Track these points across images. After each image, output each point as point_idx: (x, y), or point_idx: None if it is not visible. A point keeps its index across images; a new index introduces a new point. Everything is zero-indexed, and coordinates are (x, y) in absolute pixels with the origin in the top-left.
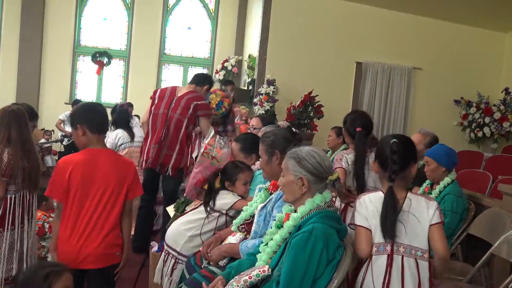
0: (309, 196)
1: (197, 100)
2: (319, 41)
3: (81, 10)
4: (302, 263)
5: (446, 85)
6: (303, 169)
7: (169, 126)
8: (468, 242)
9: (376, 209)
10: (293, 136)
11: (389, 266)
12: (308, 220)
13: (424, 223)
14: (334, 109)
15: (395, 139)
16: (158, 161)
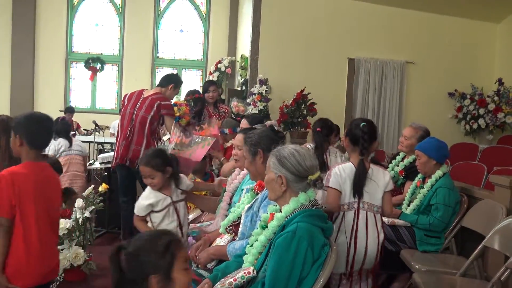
0: (293, 195)
1: (161, 100)
2: (310, 39)
3: (72, 16)
4: (287, 263)
5: (439, 78)
6: (283, 168)
7: (135, 123)
8: (462, 235)
9: (347, 176)
10: (276, 134)
11: (357, 217)
12: (292, 220)
13: (381, 187)
14: (328, 107)
15: (364, 123)
16: (126, 156)
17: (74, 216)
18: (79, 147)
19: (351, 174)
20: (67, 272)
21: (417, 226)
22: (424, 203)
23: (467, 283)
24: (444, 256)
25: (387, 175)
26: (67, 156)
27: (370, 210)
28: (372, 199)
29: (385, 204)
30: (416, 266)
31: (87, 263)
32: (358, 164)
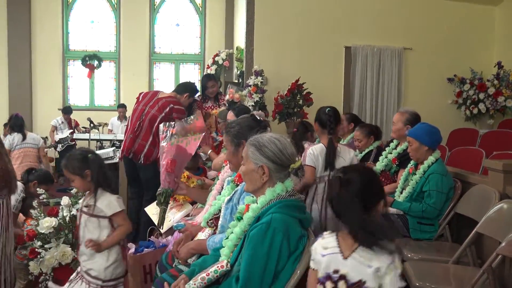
0: (270, 185)
1: (174, 104)
2: (305, 28)
3: (68, 14)
4: (261, 256)
5: (438, 63)
6: (264, 157)
7: (144, 119)
8: (458, 221)
9: (319, 154)
10: (257, 123)
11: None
12: (267, 211)
13: (347, 161)
14: (326, 96)
15: (329, 108)
16: (131, 149)
17: (61, 214)
18: (32, 140)
19: (322, 153)
20: (56, 270)
21: (410, 214)
22: (416, 190)
23: (459, 270)
24: (438, 243)
25: (352, 152)
26: (21, 149)
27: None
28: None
29: None
30: (408, 254)
31: (76, 261)
32: (327, 142)
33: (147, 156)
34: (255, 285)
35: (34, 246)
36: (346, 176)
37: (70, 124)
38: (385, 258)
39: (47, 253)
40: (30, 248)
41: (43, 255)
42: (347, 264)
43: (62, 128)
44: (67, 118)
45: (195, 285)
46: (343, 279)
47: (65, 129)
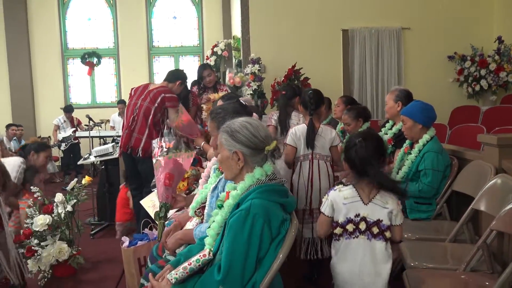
0: (249, 170)
1: (165, 93)
2: (301, 13)
3: (64, 13)
4: (242, 244)
5: (437, 42)
6: (237, 143)
7: (138, 113)
8: (457, 199)
9: (301, 134)
10: (243, 108)
11: (311, 166)
12: (246, 197)
13: (328, 141)
14: (325, 81)
15: (311, 91)
16: (128, 144)
17: (56, 211)
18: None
19: (304, 132)
20: (56, 267)
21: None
22: (412, 169)
23: (456, 248)
24: (436, 222)
25: (334, 132)
26: None
27: (322, 159)
28: (322, 151)
29: (334, 155)
30: (405, 235)
31: (75, 257)
32: (308, 123)
33: (145, 149)
34: (236, 273)
35: (31, 244)
36: (364, 139)
37: (72, 123)
38: (395, 201)
39: (44, 251)
40: (27, 247)
41: (40, 253)
42: (368, 208)
43: (64, 127)
44: (69, 117)
45: (176, 275)
46: (363, 220)
47: (68, 127)
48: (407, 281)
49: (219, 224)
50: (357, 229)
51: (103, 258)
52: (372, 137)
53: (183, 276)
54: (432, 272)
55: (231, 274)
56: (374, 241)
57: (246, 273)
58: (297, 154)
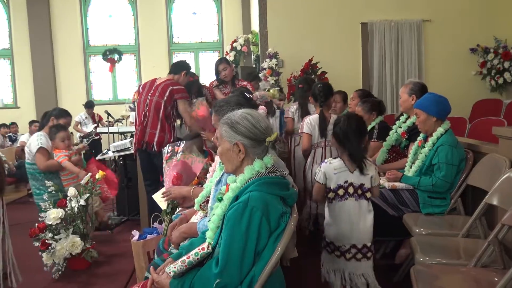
0: (249, 162)
1: (173, 85)
2: (320, 6)
3: (86, 10)
4: (240, 237)
5: (459, 34)
6: (237, 134)
7: (149, 108)
8: (473, 193)
9: (315, 123)
10: (247, 101)
11: (324, 152)
12: (245, 189)
13: None
14: (343, 75)
15: (320, 84)
16: (142, 140)
17: (69, 205)
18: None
19: (318, 122)
20: (70, 261)
21: (420, 188)
22: (426, 163)
23: (469, 243)
24: (451, 217)
25: None
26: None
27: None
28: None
29: None
30: (416, 230)
31: (88, 251)
32: (319, 113)
33: (159, 143)
34: (234, 267)
35: (45, 237)
36: (348, 118)
37: (94, 119)
38: (373, 167)
39: (58, 244)
40: (41, 240)
41: (54, 246)
42: (353, 176)
43: (86, 123)
44: (90, 113)
45: (175, 268)
46: (351, 185)
47: (89, 123)
48: (414, 276)
49: (219, 217)
50: (346, 193)
51: (118, 252)
52: (354, 117)
53: (182, 270)
54: (441, 268)
55: (228, 267)
56: (359, 200)
57: (244, 266)
58: (312, 141)
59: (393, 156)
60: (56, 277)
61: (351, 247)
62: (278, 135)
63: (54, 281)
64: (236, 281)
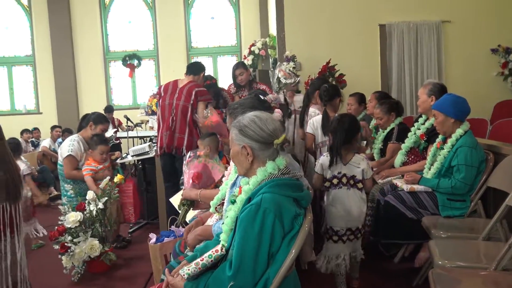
0: (260, 165)
1: (197, 87)
2: (337, 9)
3: (106, 16)
4: (253, 239)
5: (479, 34)
6: (245, 137)
7: (176, 113)
8: (494, 196)
9: (318, 123)
10: (261, 103)
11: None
12: (258, 191)
13: None
14: (361, 77)
15: (326, 85)
16: (172, 145)
17: (88, 209)
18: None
19: (320, 122)
20: (89, 263)
21: (439, 191)
22: (445, 165)
23: (488, 246)
24: (471, 220)
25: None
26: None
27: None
28: None
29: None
30: (435, 233)
31: (106, 254)
32: (323, 112)
33: (188, 147)
34: (248, 269)
35: (65, 240)
36: (341, 117)
37: (113, 123)
38: (365, 162)
39: (77, 247)
40: (61, 243)
41: (73, 249)
42: (346, 168)
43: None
44: (110, 118)
45: (189, 270)
46: (344, 176)
47: (109, 128)
48: (433, 280)
49: (232, 219)
50: (340, 182)
51: (137, 255)
52: (348, 116)
53: (196, 272)
54: (461, 272)
55: (242, 270)
56: (351, 189)
57: (258, 269)
58: (316, 141)
59: (412, 158)
60: (75, 279)
61: (347, 230)
62: (286, 137)
63: (74, 283)
64: (250, 283)
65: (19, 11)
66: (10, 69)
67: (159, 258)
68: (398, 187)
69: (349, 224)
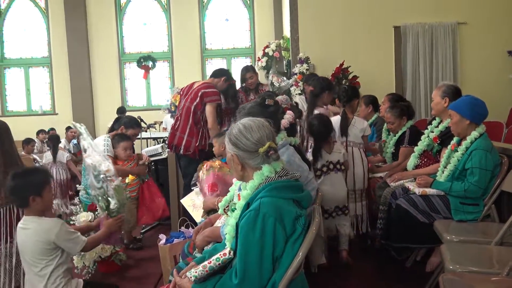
0: (254, 170)
1: (205, 89)
2: (351, 10)
3: (121, 18)
4: (255, 245)
5: (496, 36)
6: (233, 146)
7: (182, 113)
8: (509, 200)
9: (335, 124)
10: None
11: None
12: (256, 196)
13: (360, 131)
14: (376, 79)
15: (345, 86)
16: (172, 142)
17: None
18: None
19: (338, 123)
20: (100, 264)
21: (452, 194)
22: (458, 168)
23: (502, 251)
24: (484, 224)
25: (365, 123)
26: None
27: (355, 146)
28: (355, 139)
29: (365, 143)
30: (447, 237)
31: (117, 254)
32: (341, 113)
33: (186, 147)
34: (253, 275)
35: None
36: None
37: None
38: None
39: None
40: None
41: None
42: (331, 156)
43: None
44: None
45: (196, 273)
46: (331, 163)
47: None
48: (443, 285)
49: (233, 227)
50: (329, 168)
51: (147, 256)
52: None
53: (203, 275)
54: (472, 277)
55: (247, 277)
56: (338, 173)
57: (264, 274)
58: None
59: (425, 161)
60: (86, 279)
61: (335, 207)
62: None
63: None
64: None
65: (36, 13)
66: (27, 70)
67: (168, 259)
68: (410, 191)
69: (336, 203)
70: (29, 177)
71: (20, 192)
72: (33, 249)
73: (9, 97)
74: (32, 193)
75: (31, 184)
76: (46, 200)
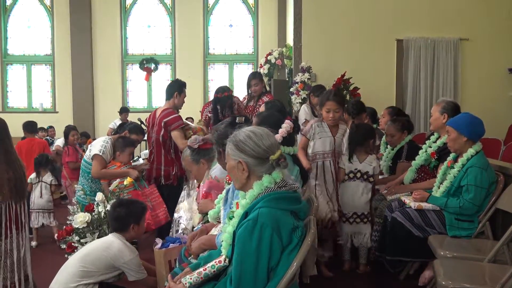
0: (257, 179)
1: (166, 117)
2: (355, 22)
3: (126, 20)
4: (251, 254)
5: (498, 53)
6: (241, 153)
7: (153, 146)
8: (503, 218)
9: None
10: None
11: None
12: (254, 206)
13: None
14: (376, 91)
15: (353, 101)
16: (151, 176)
17: (96, 210)
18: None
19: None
20: None
21: (447, 210)
22: (454, 184)
23: (494, 269)
24: (478, 241)
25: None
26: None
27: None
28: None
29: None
30: (441, 252)
31: None
32: (350, 125)
33: (166, 176)
34: (248, 284)
35: (72, 240)
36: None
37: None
38: (376, 161)
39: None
40: (67, 243)
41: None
42: (362, 165)
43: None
44: (123, 119)
45: (191, 279)
46: (359, 172)
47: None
48: None
49: (230, 235)
50: (355, 176)
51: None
52: (363, 126)
53: (198, 281)
54: None
55: (242, 286)
56: (364, 182)
57: (258, 284)
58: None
59: (422, 176)
60: None
61: (353, 214)
62: (282, 153)
63: None
64: None
65: (41, 11)
66: (29, 67)
67: (163, 263)
68: (406, 204)
69: (354, 209)
70: (131, 207)
71: (123, 220)
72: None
73: (10, 94)
74: (133, 221)
75: (132, 213)
76: (141, 228)
